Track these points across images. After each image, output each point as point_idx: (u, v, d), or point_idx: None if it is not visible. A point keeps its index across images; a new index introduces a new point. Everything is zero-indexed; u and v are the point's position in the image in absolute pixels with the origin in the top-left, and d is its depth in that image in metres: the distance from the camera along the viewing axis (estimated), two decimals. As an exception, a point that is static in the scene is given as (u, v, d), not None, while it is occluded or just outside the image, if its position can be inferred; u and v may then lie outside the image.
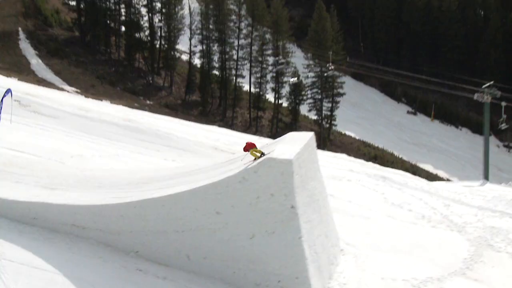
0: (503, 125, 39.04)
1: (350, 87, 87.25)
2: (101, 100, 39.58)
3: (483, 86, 38.02)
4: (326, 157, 26.67)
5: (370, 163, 28.47)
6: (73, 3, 60.40)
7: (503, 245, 17.99)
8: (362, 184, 21.97)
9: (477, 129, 78.35)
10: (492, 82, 38.62)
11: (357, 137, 66.73)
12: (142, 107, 46.24)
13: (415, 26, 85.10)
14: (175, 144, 24.29)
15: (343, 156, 28.70)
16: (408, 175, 26.71)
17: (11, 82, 31.35)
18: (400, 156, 64.92)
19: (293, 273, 12.00)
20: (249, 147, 12.09)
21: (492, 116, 44.58)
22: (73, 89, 45.25)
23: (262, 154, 11.91)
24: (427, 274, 14.90)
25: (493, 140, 79.80)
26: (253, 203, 12.10)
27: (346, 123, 73.74)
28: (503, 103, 36.47)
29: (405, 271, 14.77)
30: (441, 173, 65.09)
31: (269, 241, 12.12)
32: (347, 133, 67.09)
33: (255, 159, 11.90)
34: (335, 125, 61.02)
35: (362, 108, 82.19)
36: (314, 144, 14.18)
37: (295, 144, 13.09)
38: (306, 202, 12.62)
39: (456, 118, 79.93)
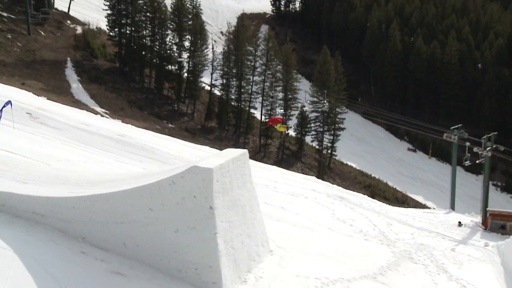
0: (467, 162, 38.77)
1: (359, 124, 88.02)
2: (118, 121, 40.43)
3: (452, 128, 38.28)
4: (295, 177, 26.96)
5: (335, 186, 28.56)
6: (116, 38, 61.99)
7: (423, 259, 18.27)
8: (317, 201, 22.08)
9: (469, 168, 78.08)
10: (460, 125, 38.85)
11: (358, 168, 66.74)
12: (163, 130, 47.23)
13: (419, 74, 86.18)
14: (158, 157, 24.52)
15: (313, 178, 28.79)
16: (367, 198, 26.71)
17: (31, 98, 32.12)
18: (394, 187, 64.78)
19: (208, 262, 12.51)
20: (274, 122, 11.84)
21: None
22: (103, 110, 46.33)
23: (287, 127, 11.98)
24: (340, 275, 15.13)
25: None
26: (179, 203, 12.77)
27: (351, 155, 73.99)
28: (467, 144, 36.50)
29: (321, 272, 15.02)
30: (429, 204, 64.72)
31: (190, 235, 12.71)
32: (349, 163, 67.16)
33: (283, 132, 11.98)
34: (335, 155, 61.14)
35: (368, 143, 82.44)
36: (246, 160, 14.77)
37: (224, 157, 13.79)
38: (227, 206, 13.20)
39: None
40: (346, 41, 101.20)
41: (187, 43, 59.69)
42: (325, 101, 53.28)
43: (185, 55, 60.14)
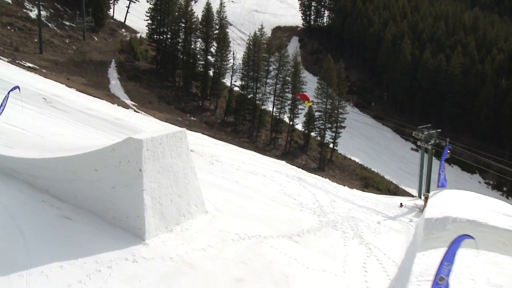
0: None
1: (371, 125, 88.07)
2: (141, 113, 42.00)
3: (421, 127, 38.59)
4: (265, 160, 27.55)
5: (302, 170, 29.17)
6: (154, 44, 64.15)
7: (345, 227, 18.92)
8: (273, 179, 22.69)
9: (465, 167, 78.14)
10: (430, 125, 39.13)
11: (360, 162, 67.06)
12: (183, 121, 48.96)
13: (426, 84, 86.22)
14: None
15: (282, 162, 29.33)
16: (325, 180, 27.17)
17: (54, 87, 33.14)
18: (390, 180, 64.85)
19: (135, 212, 13.86)
20: (303, 97, 12.03)
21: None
22: (132, 103, 48.26)
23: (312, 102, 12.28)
24: (259, 233, 16.21)
25: (476, 177, 78.97)
26: (117, 166, 14.16)
27: (357, 151, 74.29)
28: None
29: (243, 229, 16.09)
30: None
31: (124, 190, 14.03)
32: (353, 158, 67.47)
33: (311, 106, 12.18)
34: (336, 150, 61.71)
35: (375, 142, 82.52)
36: (183, 137, 15.90)
37: (159, 132, 15.20)
38: (157, 170, 14.50)
39: (451, 158, 79.35)
40: (364, 52, 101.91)
41: (213, 49, 61.34)
42: (314, 106, 53.79)
43: (211, 58, 61.69)
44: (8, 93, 19.10)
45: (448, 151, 35.56)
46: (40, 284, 11.19)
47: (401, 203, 25.49)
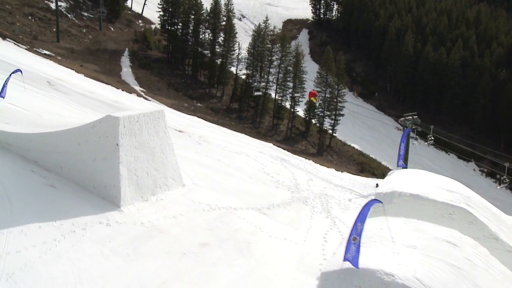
0: (415, 142, 39.49)
1: (373, 115, 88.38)
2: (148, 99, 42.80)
3: (406, 115, 39.06)
4: (252, 142, 28.18)
5: (287, 152, 29.52)
6: (166, 35, 64.84)
7: (315, 203, 19.57)
8: (255, 159, 23.15)
9: (460, 156, 78.27)
10: (415, 113, 39.58)
11: (359, 149, 67.46)
12: (189, 107, 49.70)
13: (426, 76, 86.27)
14: None
15: (269, 144, 29.82)
16: (307, 161, 27.59)
17: (60, 72, 33.75)
18: (387, 166, 65.20)
19: (112, 182, 14.59)
20: (311, 94, 12.58)
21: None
22: (141, 89, 49.10)
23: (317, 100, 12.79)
24: (230, 205, 16.95)
25: (471, 165, 78.94)
26: (97, 140, 14.94)
27: (358, 139, 74.73)
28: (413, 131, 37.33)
29: (215, 201, 16.70)
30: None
31: (103, 163, 14.80)
32: (353, 145, 67.91)
33: (315, 101, 12.64)
34: (336, 136, 62.11)
35: (376, 130, 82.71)
36: (161, 116, 16.56)
37: (137, 111, 15.93)
38: (133, 145, 15.23)
39: (448, 146, 79.73)
40: (369, 45, 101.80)
41: (220, 39, 61.90)
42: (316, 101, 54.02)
43: (218, 48, 62.26)
44: (10, 75, 19.95)
45: (412, 134, 35.87)
46: (18, 241, 12.06)
47: (377, 184, 25.99)
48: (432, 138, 44.43)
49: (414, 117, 38.38)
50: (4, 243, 11.91)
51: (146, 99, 42.81)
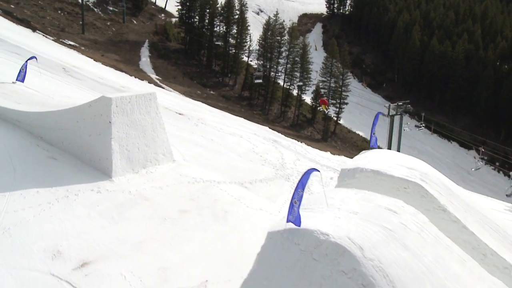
0: (406, 129, 40.04)
1: (380, 104, 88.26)
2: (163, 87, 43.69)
3: (399, 103, 39.44)
4: (249, 125, 28.83)
5: (280, 135, 29.92)
6: (184, 27, 65.63)
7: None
8: (248, 140, 23.15)
9: (463, 144, 77.91)
10: (408, 101, 39.99)
11: (363, 136, 67.67)
12: (202, 94, 50.54)
13: (432, 67, 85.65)
14: None
15: (266, 128, 30.37)
16: (299, 143, 28.01)
17: (77, 60, 34.48)
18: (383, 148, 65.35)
19: (105, 156, 15.50)
20: (322, 102, 12.76)
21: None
22: (157, 77, 50.12)
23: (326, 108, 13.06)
24: (215, 179, 17.74)
25: (472, 153, 78.43)
26: (93, 118, 15.83)
27: (364, 126, 74.60)
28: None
29: (201, 176, 17.47)
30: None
31: (97, 138, 15.67)
32: (357, 132, 68.13)
33: (325, 110, 12.84)
34: (340, 123, 62.38)
35: (381, 119, 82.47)
36: (153, 98, 17.30)
37: (130, 93, 16.87)
38: (125, 123, 16.08)
39: (450, 135, 79.77)
40: (379, 38, 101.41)
41: (234, 32, 62.50)
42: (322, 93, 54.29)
43: (232, 40, 62.84)
44: (26, 61, 21.00)
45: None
46: (17, 202, 13.13)
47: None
48: (423, 125, 44.90)
49: (407, 105, 38.75)
50: (5, 204, 12.97)
51: (160, 86, 43.76)
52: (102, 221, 13.35)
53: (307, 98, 60.79)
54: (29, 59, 21.23)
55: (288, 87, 58.61)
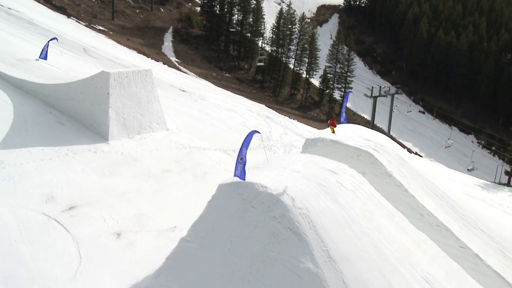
0: (395, 111, 40.39)
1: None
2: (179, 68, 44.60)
3: (391, 86, 39.66)
4: (246, 103, 29.62)
5: (273, 111, 30.30)
6: (205, 15, 66.22)
7: (279, 150, 20.77)
8: (241, 115, 24.47)
9: (462, 128, 77.23)
10: (399, 85, 40.18)
11: (368, 118, 67.61)
12: (217, 76, 51.37)
13: (438, 57, 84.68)
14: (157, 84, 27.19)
15: (262, 106, 31.00)
16: (291, 120, 28.60)
17: (96, 41, 35.26)
18: (391, 134, 65.15)
19: (103, 122, 16.67)
20: (331, 123, 12.49)
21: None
22: (176, 59, 51.07)
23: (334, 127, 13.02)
24: (201, 146, 18.73)
25: (470, 137, 77.65)
26: (94, 90, 16.95)
27: (369, 110, 74.52)
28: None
29: (189, 143, 18.44)
30: (415, 149, 64.92)
31: (97, 107, 16.88)
32: (362, 114, 68.08)
33: (332, 131, 12.68)
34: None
35: (386, 104, 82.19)
36: (149, 74, 18.36)
37: (128, 69, 18.00)
38: (122, 94, 17.24)
39: (451, 120, 79.09)
40: (390, 28, 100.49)
41: (250, 20, 62.86)
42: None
43: (247, 28, 63.22)
44: (48, 42, 22.21)
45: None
46: (24, 157, 14.45)
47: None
48: (412, 108, 45.03)
49: (398, 89, 38.96)
50: (13, 158, 14.30)
51: (177, 68, 44.75)
52: (94, 175, 14.58)
53: (316, 82, 60.98)
54: (50, 40, 22.38)
55: (297, 70, 58.91)
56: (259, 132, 11.60)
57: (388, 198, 14.60)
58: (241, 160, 11.43)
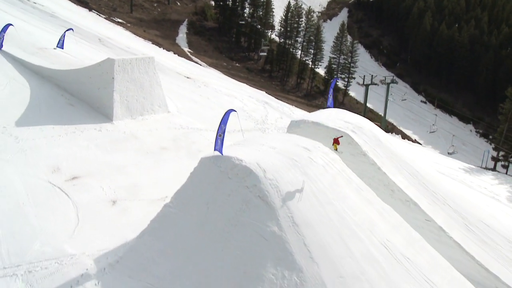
0: (391, 98, 40.52)
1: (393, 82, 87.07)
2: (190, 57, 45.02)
3: (386, 76, 39.68)
4: (248, 89, 29.99)
5: (272, 97, 30.63)
6: (218, 9, 66.37)
7: (271, 131, 21.47)
8: (241, 100, 25.00)
9: (462, 118, 76.64)
10: (393, 75, 40.20)
11: (371, 107, 67.38)
12: (227, 66, 51.77)
13: (440, 50, 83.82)
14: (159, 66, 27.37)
15: (262, 92, 31.36)
16: (288, 105, 28.92)
17: (123, 35, 36.10)
18: (392, 122, 65.03)
19: (108, 104, 17.44)
20: (335, 142, 12.09)
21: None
22: (189, 50, 51.56)
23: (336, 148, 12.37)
24: (198, 127, 19.13)
25: (469, 126, 76.96)
26: (100, 75, 17.65)
27: (372, 99, 74.11)
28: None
29: (188, 124, 18.87)
30: (414, 137, 64.63)
31: (104, 90, 17.63)
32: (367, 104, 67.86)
33: (335, 148, 12.30)
34: (349, 95, 62.39)
35: (391, 94, 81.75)
36: (151, 61, 18.98)
37: (132, 56, 18.66)
38: (125, 79, 17.93)
39: (451, 110, 78.59)
40: (396, 22, 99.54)
41: (260, 13, 62.86)
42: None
43: (257, 20, 63.22)
44: (64, 32, 22.99)
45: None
46: (36, 134, 15.31)
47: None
48: (407, 97, 45.01)
49: (393, 78, 39.02)
50: (26, 134, 15.17)
51: (189, 57, 45.30)
52: (97, 151, 15.37)
53: (322, 72, 60.98)
54: (66, 30, 23.15)
55: (304, 61, 59.03)
56: (235, 111, 12.17)
57: (363, 175, 15.08)
58: (219, 136, 12.06)
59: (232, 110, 12.01)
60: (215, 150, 12.14)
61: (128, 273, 9.95)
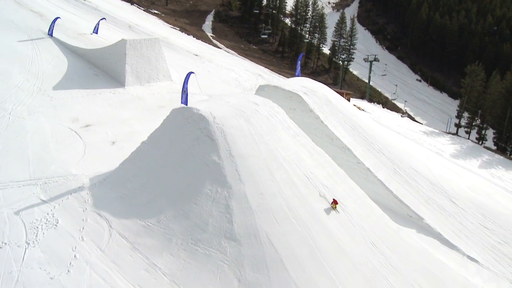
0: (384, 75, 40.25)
1: (393, 62, 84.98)
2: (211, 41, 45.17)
3: (370, 55, 39.30)
4: (247, 64, 30.61)
5: (267, 71, 31.09)
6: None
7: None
8: (237, 73, 25.79)
9: (452, 94, 74.72)
10: (376, 54, 39.83)
11: (370, 84, 66.45)
12: (245, 47, 52.20)
13: (434, 36, 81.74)
14: (173, 46, 27.63)
15: (261, 67, 31.74)
16: (278, 78, 29.78)
17: (141, 20, 36.92)
18: (386, 95, 64.02)
19: (122, 74, 19.22)
20: (334, 203, 11.44)
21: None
22: (212, 35, 52.10)
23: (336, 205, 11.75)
24: (194, 92, 20.52)
25: (457, 102, 74.54)
26: (116, 52, 19.34)
27: (374, 77, 73.18)
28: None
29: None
30: (406, 108, 63.50)
31: (119, 63, 19.32)
32: (366, 80, 67.03)
33: (334, 208, 11.48)
34: (351, 72, 61.84)
35: (391, 74, 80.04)
36: (157, 41, 20.56)
37: (141, 37, 20.21)
38: (135, 55, 19.55)
39: (442, 87, 76.67)
40: (399, 11, 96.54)
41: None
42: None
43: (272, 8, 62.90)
44: (99, 21, 24.56)
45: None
46: (66, 94, 17.32)
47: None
48: (386, 72, 44.75)
49: (375, 56, 38.82)
50: (59, 95, 17.19)
51: (211, 41, 46.08)
52: (109, 107, 17.23)
53: (328, 52, 60.72)
54: (100, 20, 24.78)
55: (310, 43, 59.07)
56: (193, 73, 13.55)
57: (309, 127, 16.27)
58: (184, 93, 13.56)
59: (192, 72, 13.39)
60: (181, 102, 13.69)
61: (110, 187, 11.82)
